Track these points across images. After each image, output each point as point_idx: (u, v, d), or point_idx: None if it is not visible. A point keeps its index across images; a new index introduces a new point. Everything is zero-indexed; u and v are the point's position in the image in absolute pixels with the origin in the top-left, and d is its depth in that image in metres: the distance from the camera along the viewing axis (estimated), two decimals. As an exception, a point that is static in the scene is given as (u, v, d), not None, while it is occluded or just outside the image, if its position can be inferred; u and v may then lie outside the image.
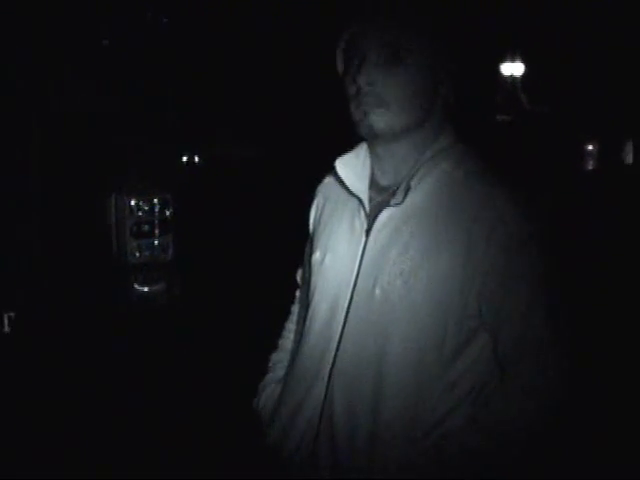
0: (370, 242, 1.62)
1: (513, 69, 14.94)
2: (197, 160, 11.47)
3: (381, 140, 1.63)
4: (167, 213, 3.76)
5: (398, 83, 1.58)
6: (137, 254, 3.67)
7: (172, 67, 3.82)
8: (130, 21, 3.61)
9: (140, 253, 3.68)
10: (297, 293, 1.97)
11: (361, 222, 1.65)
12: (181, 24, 3.94)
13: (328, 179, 1.84)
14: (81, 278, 3.43)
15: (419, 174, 1.60)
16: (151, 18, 3.67)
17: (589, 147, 16.26)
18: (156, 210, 3.71)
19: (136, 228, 3.64)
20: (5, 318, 3.12)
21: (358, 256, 1.62)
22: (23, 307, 3.19)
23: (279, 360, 1.90)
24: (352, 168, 1.71)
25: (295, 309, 1.95)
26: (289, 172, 8.83)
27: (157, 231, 3.72)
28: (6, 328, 3.12)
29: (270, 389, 1.86)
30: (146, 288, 3.75)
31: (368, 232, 1.63)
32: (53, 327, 3.31)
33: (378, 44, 1.58)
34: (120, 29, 3.56)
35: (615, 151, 15.44)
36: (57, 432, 3.20)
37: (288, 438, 1.69)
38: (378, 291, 1.57)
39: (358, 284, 1.61)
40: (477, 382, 1.56)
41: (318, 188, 1.88)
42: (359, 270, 1.62)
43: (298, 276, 1.96)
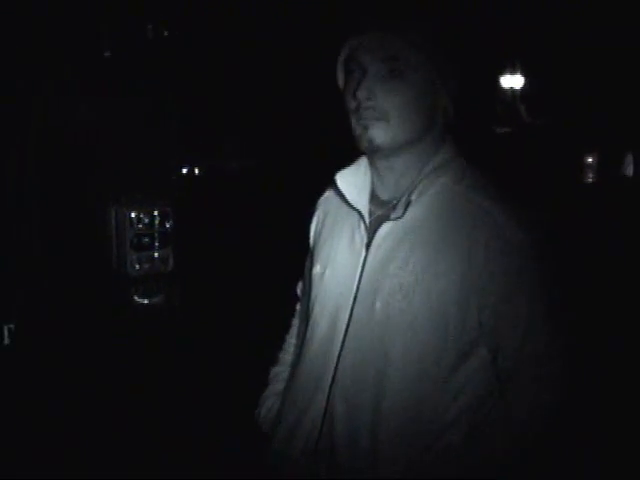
0: (370, 256, 1.62)
1: (513, 82, 14.99)
2: (197, 172, 11.49)
3: (381, 154, 1.63)
4: (167, 225, 3.76)
5: (398, 97, 1.58)
6: (137, 266, 3.67)
7: (173, 79, 3.83)
8: (131, 33, 3.63)
9: (140, 265, 3.68)
10: (297, 306, 1.97)
11: (361, 236, 1.66)
12: (182, 37, 3.95)
13: (328, 193, 1.84)
14: (81, 291, 3.43)
15: (419, 188, 1.60)
16: (152, 31, 3.68)
17: (589, 159, 16.27)
18: (156, 222, 3.72)
19: (136, 240, 3.64)
20: (5, 330, 3.12)
21: (358, 270, 1.62)
22: (23, 319, 3.19)
23: (279, 373, 1.90)
24: (352, 182, 1.71)
25: (295, 322, 1.95)
26: (289, 184, 8.84)
27: (157, 243, 3.72)
28: (6, 340, 3.12)
29: (270, 402, 1.86)
30: (146, 300, 3.75)
31: (368, 246, 1.63)
32: (53, 338, 3.31)
33: (378, 58, 1.58)
34: (121, 41, 3.58)
35: (615, 163, 15.45)
36: (57, 444, 3.19)
37: (288, 451, 1.69)
38: (378, 305, 1.57)
39: (358, 298, 1.61)
40: (477, 395, 1.56)
41: (318, 202, 1.88)
42: (359, 284, 1.62)
43: (298, 289, 1.96)
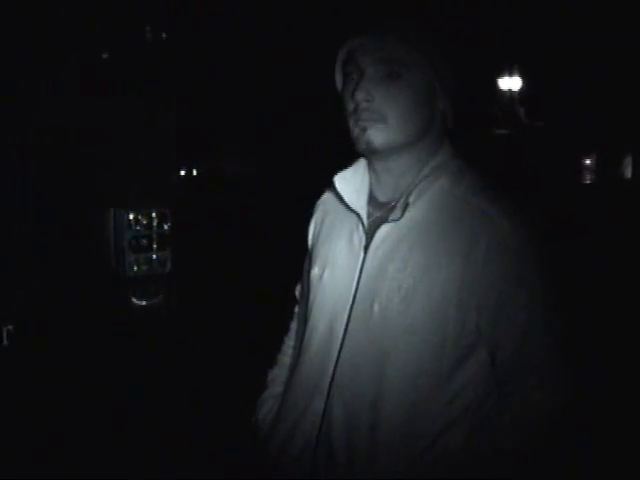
0: (369, 258, 1.62)
1: (511, 84, 15.00)
2: (195, 173, 11.50)
3: (379, 156, 1.63)
4: (165, 227, 3.75)
5: (396, 98, 1.58)
6: (135, 268, 3.66)
7: (172, 80, 3.83)
8: (130, 35, 3.62)
9: (138, 267, 3.67)
10: (296, 308, 1.97)
11: (360, 238, 1.65)
12: (181, 40, 3.95)
13: (327, 195, 1.84)
14: (80, 292, 3.42)
15: (417, 190, 1.60)
16: (150, 33, 3.68)
17: (587, 161, 16.29)
18: (154, 224, 3.71)
19: (134, 242, 3.64)
20: (4, 331, 3.12)
21: (357, 272, 1.62)
22: (21, 320, 3.19)
23: (277, 376, 1.90)
24: (351, 184, 1.71)
25: (294, 324, 1.95)
26: (288, 185, 8.84)
27: (155, 245, 3.72)
28: (5, 341, 3.12)
29: (268, 404, 1.85)
30: (144, 302, 3.74)
31: (367, 248, 1.63)
32: (52, 340, 3.31)
33: (376, 60, 1.58)
34: (120, 43, 3.58)
35: (613, 165, 15.46)
36: (58, 444, 3.19)
37: (286, 453, 1.68)
38: (376, 307, 1.57)
39: (356, 300, 1.61)
40: (476, 397, 1.56)
41: (317, 203, 1.88)
42: (357, 286, 1.61)
43: (297, 291, 1.96)
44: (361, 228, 1.66)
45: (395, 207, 1.61)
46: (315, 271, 1.74)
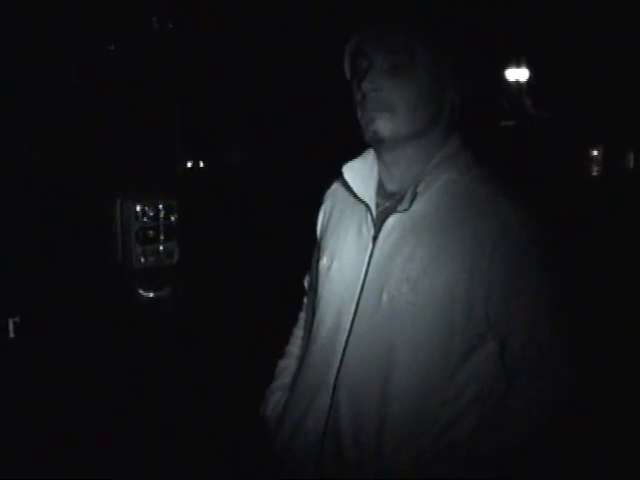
0: (377, 248, 1.61)
1: (518, 75, 14.94)
2: (202, 166, 11.50)
3: (387, 146, 1.62)
4: (172, 219, 3.75)
5: (404, 89, 1.58)
6: (142, 259, 3.67)
7: (178, 73, 3.82)
8: (136, 26, 3.62)
9: (145, 258, 3.67)
10: (305, 299, 1.96)
11: (368, 228, 1.65)
12: (187, 31, 3.94)
13: (335, 185, 1.84)
14: (86, 284, 3.43)
15: (426, 180, 1.59)
16: (157, 23, 3.67)
17: (594, 152, 16.23)
18: (161, 215, 3.71)
19: (141, 233, 3.64)
20: (10, 323, 3.12)
21: (365, 262, 1.62)
22: (27, 312, 3.20)
23: (286, 367, 1.90)
24: (359, 174, 1.71)
25: (302, 315, 1.95)
26: (295, 177, 8.84)
27: (162, 236, 3.72)
28: (11, 334, 3.13)
29: (277, 396, 1.85)
30: (151, 293, 3.75)
31: (375, 238, 1.62)
32: (57, 332, 3.31)
33: (384, 50, 1.58)
34: (125, 34, 3.57)
35: (620, 156, 15.42)
36: (63, 436, 3.20)
37: (294, 445, 1.68)
38: (385, 297, 1.56)
39: (365, 290, 1.60)
40: (484, 388, 1.55)
41: (326, 194, 1.87)
42: (366, 276, 1.61)
43: (305, 282, 1.96)
44: (370, 218, 1.65)
45: (403, 198, 1.60)
46: (323, 262, 1.74)
